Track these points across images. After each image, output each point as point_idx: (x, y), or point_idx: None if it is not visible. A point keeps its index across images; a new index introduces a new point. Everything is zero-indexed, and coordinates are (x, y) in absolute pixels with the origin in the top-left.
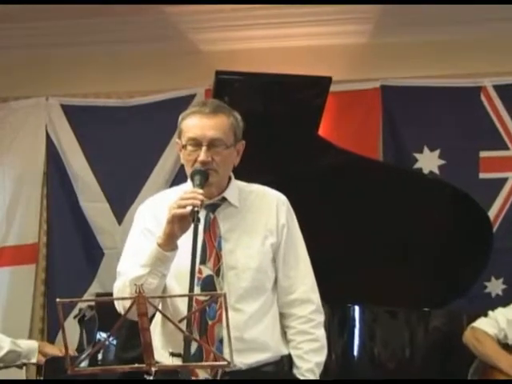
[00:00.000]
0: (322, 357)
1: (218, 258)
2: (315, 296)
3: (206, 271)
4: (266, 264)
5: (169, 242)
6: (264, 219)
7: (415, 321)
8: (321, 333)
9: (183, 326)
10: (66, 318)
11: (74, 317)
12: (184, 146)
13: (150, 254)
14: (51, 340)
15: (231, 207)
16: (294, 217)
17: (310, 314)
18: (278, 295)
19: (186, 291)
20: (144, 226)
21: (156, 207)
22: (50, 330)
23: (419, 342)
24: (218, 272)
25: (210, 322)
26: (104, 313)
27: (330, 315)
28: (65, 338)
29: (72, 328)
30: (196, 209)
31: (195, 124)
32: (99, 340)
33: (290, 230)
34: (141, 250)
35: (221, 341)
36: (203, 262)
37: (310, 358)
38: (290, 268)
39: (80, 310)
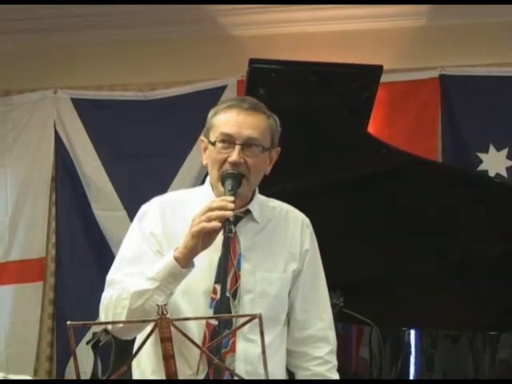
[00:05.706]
0: None
1: (236, 279)
2: (332, 334)
3: None
4: (285, 293)
5: (189, 258)
6: (288, 241)
7: (481, 346)
8: (336, 377)
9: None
10: (77, 344)
11: (87, 342)
12: (213, 143)
13: (161, 267)
14: (61, 369)
15: (253, 222)
16: (316, 243)
17: (326, 355)
18: (290, 330)
19: (198, 312)
20: (149, 230)
21: (165, 210)
22: (60, 357)
23: (485, 370)
24: (234, 294)
25: (221, 351)
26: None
27: (382, 340)
28: (77, 367)
29: (85, 355)
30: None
31: (231, 119)
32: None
33: (312, 257)
34: (142, 257)
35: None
36: (219, 280)
37: None
38: (308, 300)
39: (94, 334)
